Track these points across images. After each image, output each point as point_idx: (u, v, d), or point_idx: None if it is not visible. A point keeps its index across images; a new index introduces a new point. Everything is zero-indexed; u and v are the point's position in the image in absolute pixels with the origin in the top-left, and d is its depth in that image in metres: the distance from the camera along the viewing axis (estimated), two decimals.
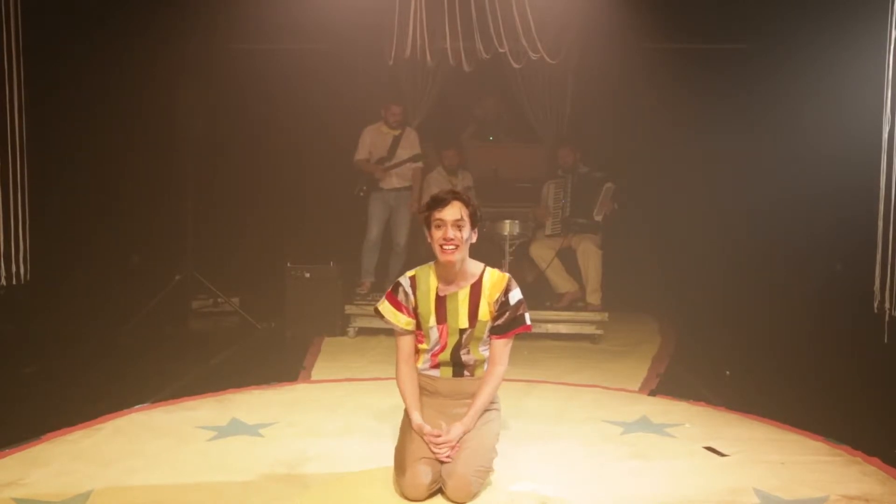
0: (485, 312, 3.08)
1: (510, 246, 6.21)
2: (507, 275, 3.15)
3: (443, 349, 3.10)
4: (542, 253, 6.28)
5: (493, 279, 3.10)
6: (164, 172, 6.55)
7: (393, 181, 6.33)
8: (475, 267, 3.13)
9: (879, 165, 4.42)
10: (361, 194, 6.33)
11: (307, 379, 4.79)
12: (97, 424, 3.68)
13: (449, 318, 3.07)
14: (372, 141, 6.39)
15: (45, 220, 5.10)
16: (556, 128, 7.45)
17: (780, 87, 6.30)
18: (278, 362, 5.22)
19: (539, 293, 6.33)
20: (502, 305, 3.07)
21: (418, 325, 3.12)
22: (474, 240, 3.08)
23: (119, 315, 6.02)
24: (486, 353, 3.14)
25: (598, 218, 6.28)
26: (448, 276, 3.09)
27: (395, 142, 6.35)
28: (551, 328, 5.94)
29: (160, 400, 4.14)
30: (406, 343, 3.14)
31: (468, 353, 3.10)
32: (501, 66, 6.15)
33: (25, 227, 4.74)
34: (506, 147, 7.60)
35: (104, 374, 4.79)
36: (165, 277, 6.33)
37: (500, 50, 5.41)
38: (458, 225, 2.98)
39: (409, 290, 3.11)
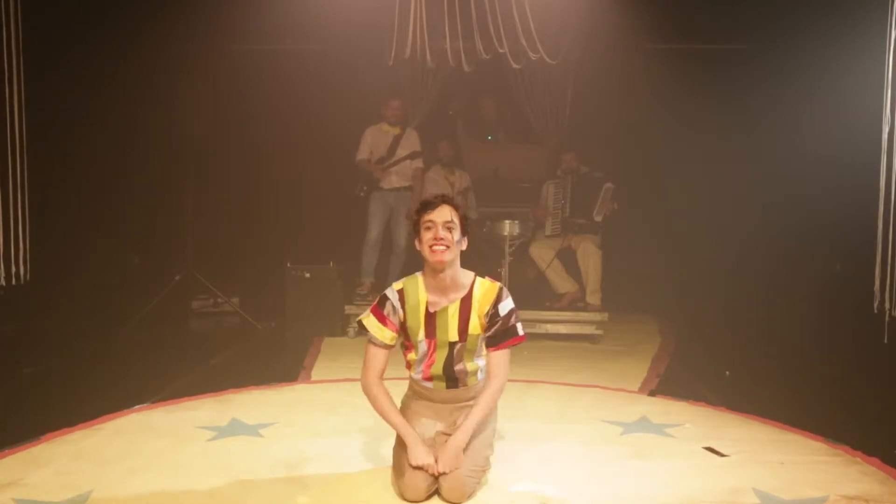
0: (475, 326, 2.99)
1: (510, 246, 6.21)
2: (498, 284, 3.05)
3: (432, 363, 3.03)
4: (542, 253, 6.29)
5: (484, 290, 3.01)
6: (164, 172, 6.54)
7: (393, 181, 6.32)
8: (465, 277, 3.03)
9: (879, 165, 4.42)
10: (362, 194, 6.33)
11: (307, 379, 4.79)
12: (97, 424, 3.68)
13: (438, 332, 2.99)
14: (373, 141, 6.38)
15: (45, 220, 5.10)
16: (556, 128, 7.46)
17: (780, 87, 6.29)
18: (278, 362, 5.22)
19: (539, 293, 6.34)
20: (493, 318, 2.99)
21: (407, 337, 3.05)
22: (464, 247, 2.99)
23: (119, 315, 6.02)
24: (480, 363, 3.08)
25: (598, 218, 6.28)
26: (437, 285, 2.98)
27: (396, 141, 6.34)
28: (551, 328, 5.94)
29: (160, 400, 4.14)
30: (380, 358, 3.02)
31: (462, 366, 3.04)
32: (501, 67, 6.15)
33: (25, 227, 4.75)
34: (506, 147, 7.61)
35: (104, 374, 4.80)
36: (165, 278, 6.33)
37: (500, 50, 5.42)
38: (448, 227, 2.92)
39: (398, 305, 3.01)
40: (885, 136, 4.36)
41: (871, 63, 4.56)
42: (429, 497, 2.84)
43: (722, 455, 3.35)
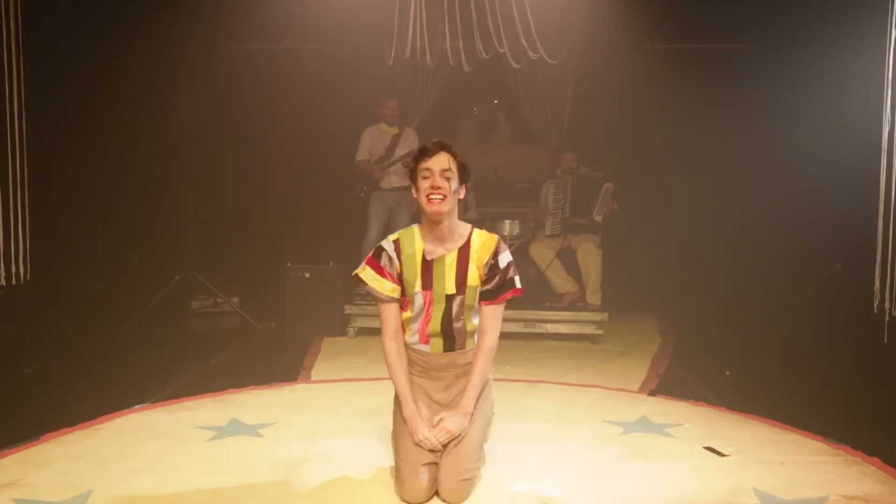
0: (474, 277, 2.92)
1: (510, 246, 6.20)
2: (497, 236, 3.00)
3: (429, 319, 2.95)
4: (542, 253, 6.29)
5: (482, 240, 2.96)
6: (164, 172, 6.54)
7: (392, 181, 6.32)
8: (463, 228, 2.99)
9: (879, 165, 4.43)
10: (362, 195, 6.33)
11: (307, 379, 4.79)
12: (97, 424, 3.68)
13: (435, 283, 2.91)
14: (371, 141, 6.38)
15: (45, 220, 5.10)
16: (556, 128, 7.46)
17: (780, 87, 6.31)
18: (278, 362, 5.21)
19: (539, 293, 6.34)
20: (492, 268, 2.92)
21: (403, 292, 2.96)
22: (462, 195, 2.95)
23: (119, 315, 6.02)
24: (477, 322, 3.00)
25: (598, 218, 6.28)
26: (434, 235, 2.93)
27: (394, 141, 6.35)
28: (551, 328, 5.94)
29: (160, 400, 4.13)
30: (392, 313, 2.98)
31: (461, 323, 2.95)
32: (501, 67, 6.16)
33: (25, 227, 4.75)
34: (506, 147, 7.61)
35: (104, 374, 4.79)
36: (165, 278, 6.33)
37: (500, 50, 5.43)
38: (445, 175, 2.86)
39: (394, 255, 2.94)
40: (885, 136, 4.37)
41: (871, 63, 4.57)
42: (429, 498, 2.83)
43: (722, 455, 3.35)
